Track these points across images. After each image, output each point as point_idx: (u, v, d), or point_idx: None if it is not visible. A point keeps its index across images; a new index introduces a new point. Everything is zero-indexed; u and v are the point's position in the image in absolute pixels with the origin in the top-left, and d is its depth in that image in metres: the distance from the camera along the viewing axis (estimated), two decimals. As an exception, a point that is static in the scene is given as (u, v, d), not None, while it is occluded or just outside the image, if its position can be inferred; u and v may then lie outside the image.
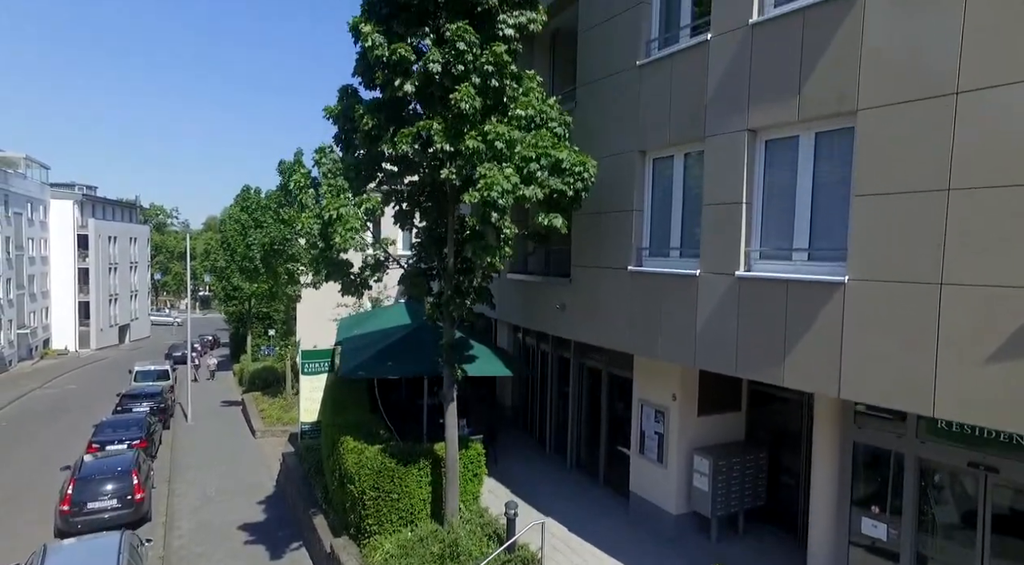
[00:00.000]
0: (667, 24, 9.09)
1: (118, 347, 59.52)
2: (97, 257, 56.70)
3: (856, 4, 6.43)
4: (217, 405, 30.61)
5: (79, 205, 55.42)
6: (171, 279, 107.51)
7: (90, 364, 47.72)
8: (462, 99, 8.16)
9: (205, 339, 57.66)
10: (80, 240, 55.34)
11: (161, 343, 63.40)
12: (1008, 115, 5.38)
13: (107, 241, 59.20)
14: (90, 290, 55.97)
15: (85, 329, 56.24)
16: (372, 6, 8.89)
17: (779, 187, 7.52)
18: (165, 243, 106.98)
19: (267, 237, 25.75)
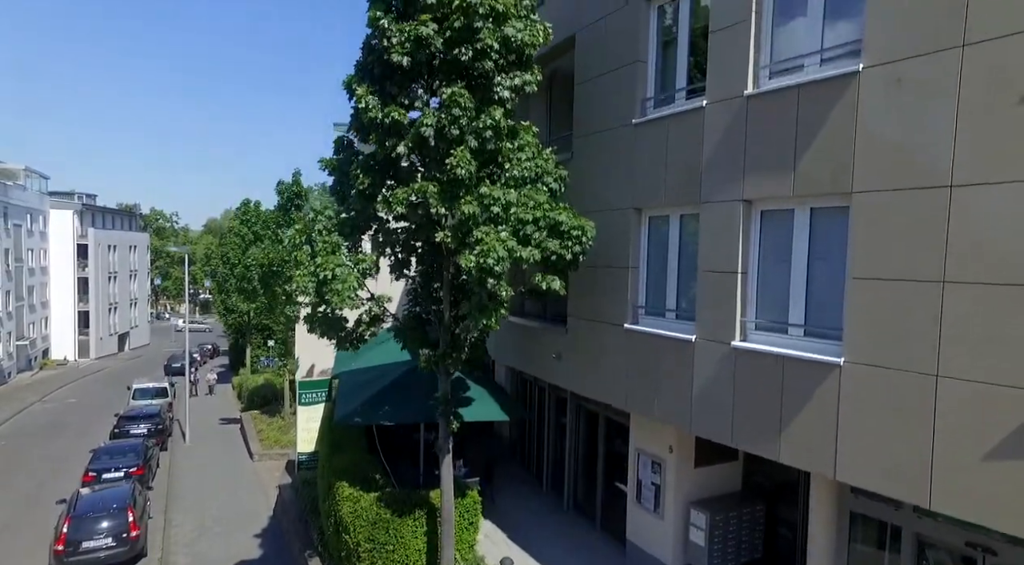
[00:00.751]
0: (663, 84, 9.05)
1: (117, 356, 59.49)
2: (96, 266, 56.69)
3: (850, 87, 6.39)
4: (216, 423, 30.55)
5: (78, 215, 55.42)
6: (171, 284, 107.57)
7: (89, 375, 47.68)
8: (458, 165, 8.11)
9: (204, 348, 57.66)
10: (80, 250, 55.35)
11: (160, 351, 63.37)
12: (1001, 214, 5.34)
13: (107, 250, 59.20)
14: (89, 299, 55.97)
15: (84, 338, 56.23)
16: (366, 67, 8.85)
17: (775, 259, 7.48)
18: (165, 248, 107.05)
19: (266, 258, 25.72)
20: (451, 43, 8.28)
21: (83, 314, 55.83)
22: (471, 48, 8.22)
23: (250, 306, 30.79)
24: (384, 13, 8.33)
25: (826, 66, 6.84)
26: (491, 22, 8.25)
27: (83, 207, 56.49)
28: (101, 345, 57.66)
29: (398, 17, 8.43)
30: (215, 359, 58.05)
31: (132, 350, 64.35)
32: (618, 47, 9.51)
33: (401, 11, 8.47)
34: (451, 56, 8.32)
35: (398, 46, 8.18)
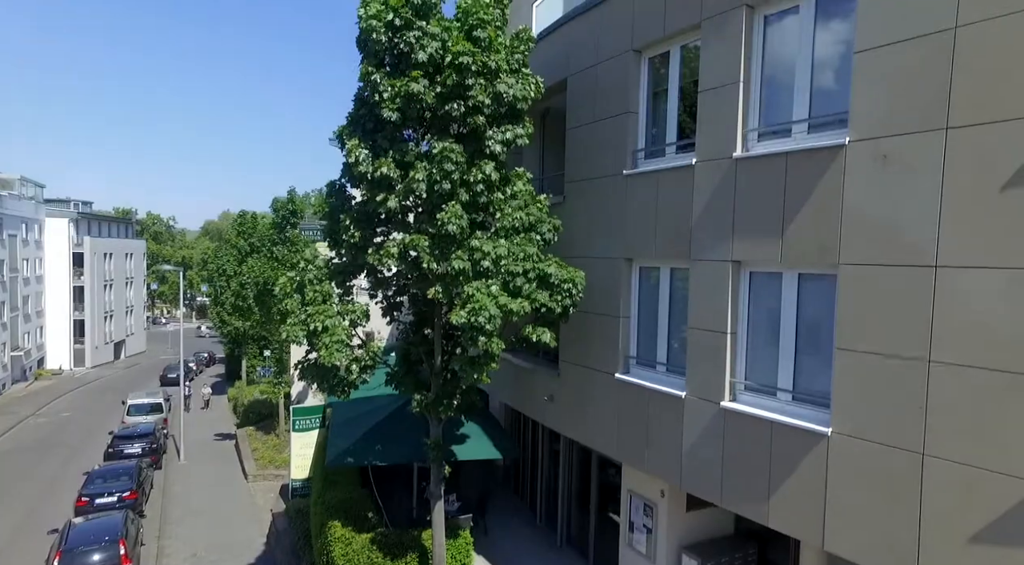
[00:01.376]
0: (653, 137, 9.06)
1: (113, 364, 59.31)
2: (92, 275, 56.53)
3: (837, 159, 6.41)
4: (211, 438, 30.47)
5: (74, 223, 55.28)
6: (167, 289, 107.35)
7: (84, 385, 47.51)
8: (449, 221, 8.12)
9: (200, 356, 57.47)
10: (75, 258, 55.19)
11: (157, 358, 63.17)
12: (987, 299, 5.36)
13: (103, 258, 59.04)
14: (85, 308, 55.79)
15: (80, 347, 56.06)
16: (357, 119, 8.86)
17: (764, 321, 7.49)
18: (162, 252, 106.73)
19: (260, 276, 25.68)
20: (443, 98, 8.30)
21: (79, 323, 55.66)
22: (463, 104, 8.24)
23: (244, 324, 30.71)
24: (376, 68, 8.34)
25: (814, 134, 6.87)
26: (483, 78, 8.27)
27: (79, 215, 56.37)
28: (97, 354, 57.47)
29: (390, 72, 8.44)
30: (211, 367, 57.90)
31: (128, 358, 64.16)
32: (609, 96, 9.53)
33: (393, 66, 8.47)
34: (443, 111, 8.34)
35: (389, 101, 8.20)
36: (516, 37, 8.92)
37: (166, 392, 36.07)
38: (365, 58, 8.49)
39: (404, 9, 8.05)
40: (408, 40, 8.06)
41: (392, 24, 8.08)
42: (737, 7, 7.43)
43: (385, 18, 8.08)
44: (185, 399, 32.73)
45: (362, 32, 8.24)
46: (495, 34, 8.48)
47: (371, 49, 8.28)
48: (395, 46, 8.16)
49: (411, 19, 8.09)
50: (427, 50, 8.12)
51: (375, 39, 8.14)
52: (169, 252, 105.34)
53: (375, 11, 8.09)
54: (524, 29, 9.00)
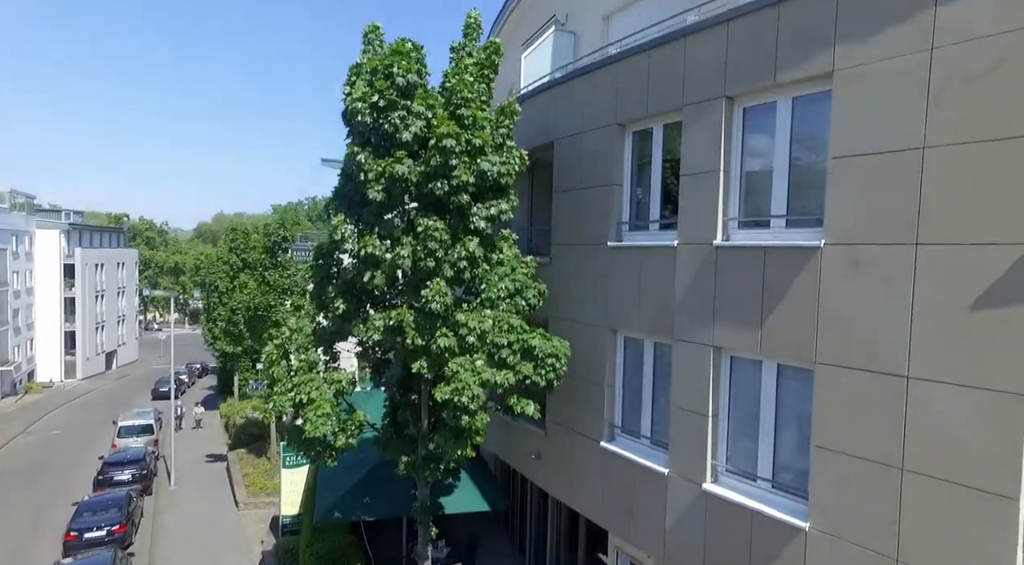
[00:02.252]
0: (637, 211, 9.16)
1: (105, 375, 59.01)
2: (83, 286, 56.26)
3: (812, 260, 6.52)
4: (202, 459, 30.36)
5: (65, 234, 55.01)
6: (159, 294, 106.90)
7: (75, 399, 47.26)
8: (433, 299, 8.19)
9: (193, 367, 57.21)
10: (66, 269, 54.93)
11: (149, 368, 62.90)
12: (956, 414, 5.47)
13: (94, 269, 58.76)
14: (76, 319, 55.53)
15: (71, 358, 55.77)
16: (343, 194, 8.92)
17: (745, 406, 7.59)
18: (154, 258, 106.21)
19: (252, 301, 25.64)
20: (427, 177, 8.36)
21: (69, 334, 55.36)
22: (447, 183, 8.30)
23: (235, 349, 30.64)
24: (361, 148, 8.40)
25: (791, 230, 6.98)
26: (467, 156, 8.33)
27: (70, 226, 56.06)
28: (88, 365, 57.17)
29: (375, 150, 8.50)
30: (203, 378, 57.67)
31: (120, 368, 63.86)
32: (594, 165, 9.62)
33: (378, 145, 8.53)
34: (427, 189, 8.40)
35: (374, 181, 8.25)
36: (501, 111, 9.00)
37: (157, 411, 35.93)
38: (351, 136, 8.55)
39: (389, 91, 8.12)
40: (393, 122, 8.12)
41: (377, 106, 8.14)
42: (717, 98, 7.54)
43: (370, 99, 8.14)
44: (176, 419, 32.57)
45: (347, 112, 8.30)
46: (479, 111, 8.55)
47: (356, 128, 8.34)
48: (380, 126, 8.22)
49: (395, 100, 8.15)
50: (411, 130, 8.19)
51: (360, 121, 8.20)
52: (162, 258, 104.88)
53: (360, 93, 8.15)
54: (510, 102, 9.07)
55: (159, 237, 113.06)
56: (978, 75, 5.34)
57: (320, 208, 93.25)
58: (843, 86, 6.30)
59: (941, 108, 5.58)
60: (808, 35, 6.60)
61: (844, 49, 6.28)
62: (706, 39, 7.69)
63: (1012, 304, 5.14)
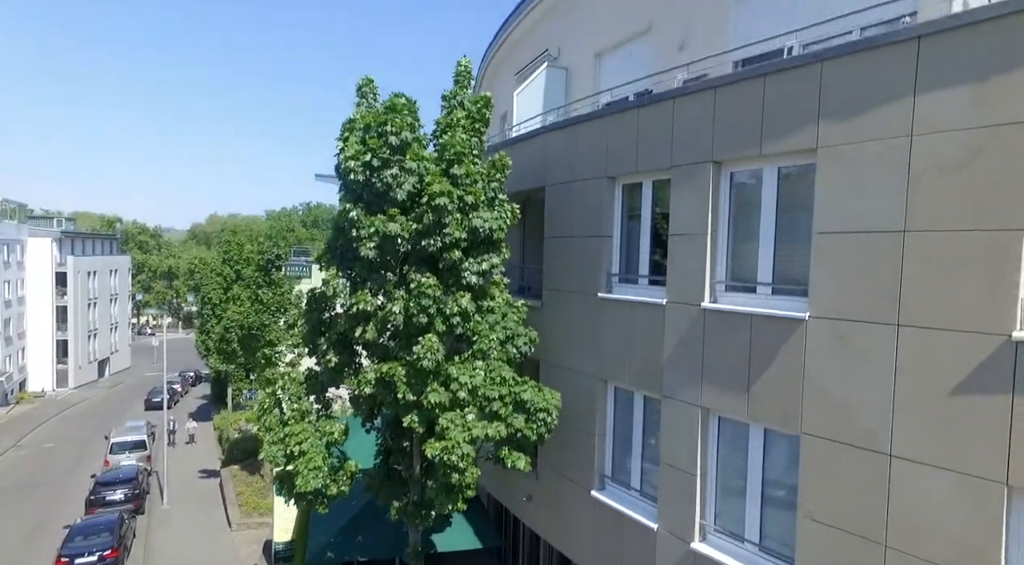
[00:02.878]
0: (627, 264, 9.24)
1: (97, 383, 58.70)
2: (76, 294, 55.98)
3: (798, 331, 6.62)
4: (195, 476, 30.28)
5: (57, 242, 54.72)
6: (152, 298, 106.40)
7: (67, 409, 46.99)
8: (424, 356, 8.25)
9: (186, 375, 56.98)
10: (59, 278, 54.66)
11: (142, 375, 62.61)
12: (937, 496, 5.57)
13: (87, 276, 58.45)
14: (68, 328, 55.25)
15: (63, 367, 55.48)
16: (335, 247, 8.97)
17: (733, 465, 7.68)
18: (147, 262, 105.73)
19: (245, 320, 25.61)
20: (420, 234, 8.43)
21: (62, 343, 55.06)
22: (439, 240, 8.37)
23: (228, 367, 30.57)
24: (354, 204, 8.45)
25: (777, 297, 7.07)
26: (459, 212, 8.40)
27: (62, 235, 55.77)
28: (80, 374, 56.87)
29: (367, 206, 8.55)
30: (197, 386, 57.44)
31: (113, 375, 63.53)
32: (585, 216, 9.70)
33: (371, 201, 8.58)
34: (419, 246, 8.46)
35: (367, 239, 8.30)
36: (493, 165, 9.07)
37: (150, 425, 35.76)
38: (344, 190, 8.60)
39: (382, 149, 8.18)
40: (386, 181, 8.18)
41: (370, 164, 8.20)
42: (704, 162, 7.64)
43: (363, 158, 8.20)
44: (169, 434, 32.47)
45: (341, 169, 8.36)
46: (472, 166, 8.63)
47: (350, 186, 8.40)
48: (373, 184, 8.28)
49: (388, 158, 8.21)
50: (405, 188, 8.26)
51: (353, 179, 8.26)
52: (155, 262, 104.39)
53: (353, 152, 8.21)
54: (502, 156, 9.15)
55: (152, 240, 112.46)
56: (954, 167, 5.45)
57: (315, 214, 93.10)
58: (827, 162, 6.41)
59: (921, 194, 5.69)
60: (793, 109, 6.70)
61: (828, 126, 6.39)
62: (694, 103, 7.79)
63: (990, 393, 5.24)
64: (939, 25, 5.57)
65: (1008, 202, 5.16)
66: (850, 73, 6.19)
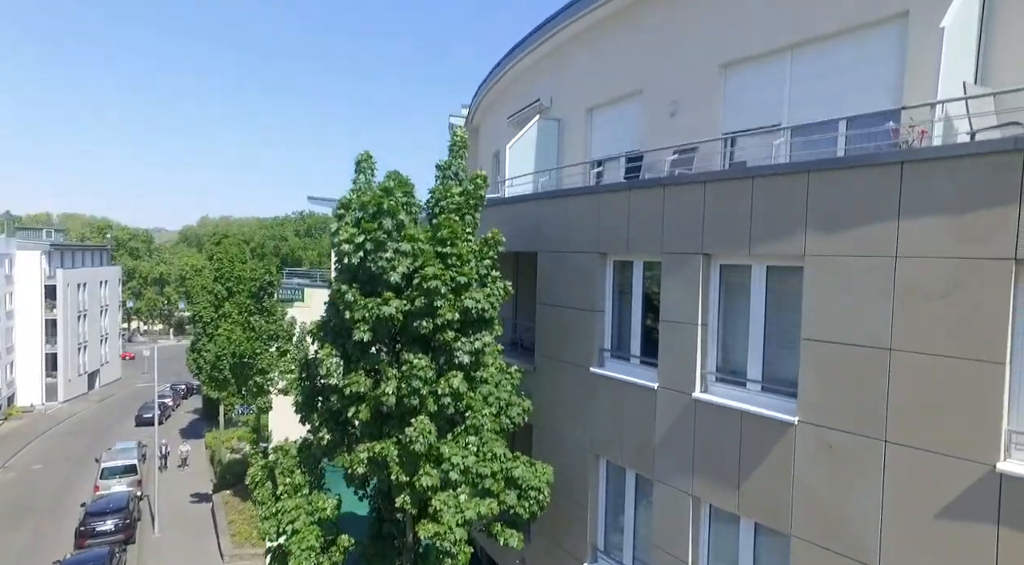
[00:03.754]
0: (619, 341, 9.32)
1: (88, 396, 58.22)
2: (65, 307, 55.51)
3: (787, 434, 6.70)
4: (187, 500, 30.11)
5: (46, 255, 54.24)
6: (143, 305, 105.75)
7: (57, 426, 46.62)
8: (416, 440, 8.27)
9: (178, 388, 56.65)
10: (48, 291, 54.17)
11: (133, 386, 62.18)
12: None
13: (76, 289, 57.97)
14: (58, 341, 54.76)
15: (52, 381, 54.96)
16: (329, 325, 8.99)
17: (724, 556, 7.76)
18: (138, 268, 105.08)
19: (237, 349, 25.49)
20: (412, 315, 8.46)
21: (51, 356, 54.55)
22: (432, 321, 8.40)
23: (220, 394, 30.43)
24: (348, 285, 8.47)
25: (767, 395, 7.16)
26: (452, 293, 8.44)
27: (51, 247, 55.29)
28: (70, 387, 56.37)
29: (361, 287, 8.57)
30: (188, 399, 57.08)
31: (103, 387, 63.02)
32: (577, 288, 9.77)
33: (365, 282, 8.60)
34: (412, 328, 8.50)
35: (361, 321, 8.33)
36: (486, 242, 9.12)
37: (141, 445, 35.51)
38: (339, 272, 8.64)
39: (377, 233, 8.22)
40: (380, 264, 8.22)
41: (365, 248, 8.24)
42: (694, 253, 7.72)
43: (357, 241, 8.23)
44: (161, 457, 32.26)
45: (337, 251, 8.40)
46: (464, 244, 8.68)
47: (344, 268, 8.43)
48: (367, 267, 8.32)
49: (384, 241, 8.25)
50: (399, 270, 8.30)
51: (348, 263, 8.29)
52: (146, 268, 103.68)
53: (348, 235, 8.25)
54: (494, 234, 9.19)
55: (144, 247, 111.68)
56: (937, 295, 5.55)
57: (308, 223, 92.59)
58: (815, 271, 6.50)
59: (906, 316, 5.78)
60: (781, 214, 6.79)
61: (815, 236, 6.48)
62: (684, 193, 7.87)
63: (976, 521, 5.33)
64: (921, 154, 5.69)
65: (989, 336, 5.27)
66: (837, 187, 6.29)
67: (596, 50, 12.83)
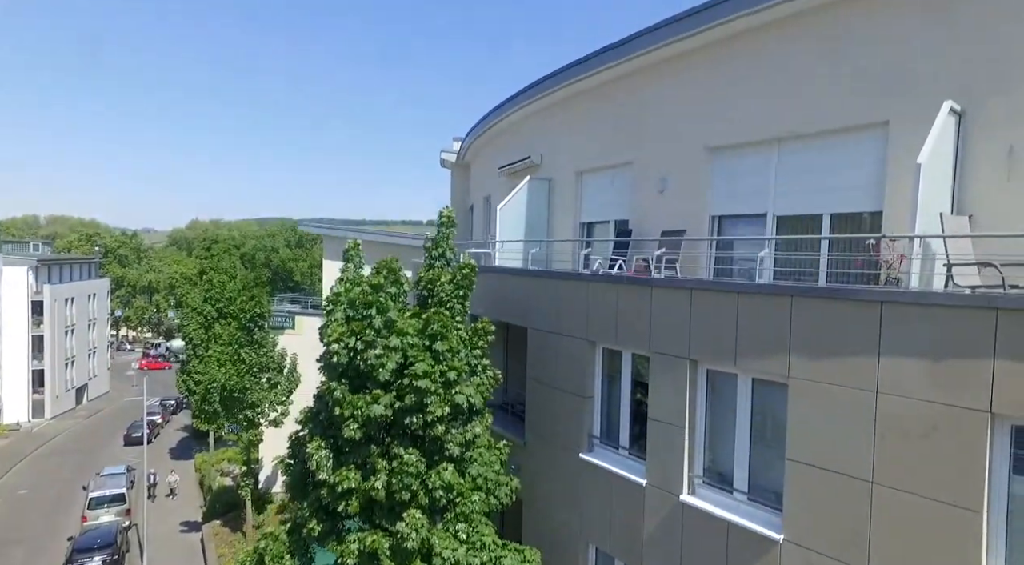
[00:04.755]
0: (607, 429, 9.41)
1: (75, 412, 57.61)
2: (53, 323, 54.95)
3: (772, 551, 6.80)
4: (176, 530, 29.91)
5: (33, 270, 53.67)
6: (133, 314, 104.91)
7: (43, 445, 46.09)
8: (408, 537, 8.30)
9: (167, 403, 56.15)
10: (35, 306, 53.60)
11: (121, 400, 61.62)
12: None
13: (64, 303, 57.42)
14: (45, 357, 54.20)
15: (39, 397, 54.40)
16: (318, 418, 9.00)
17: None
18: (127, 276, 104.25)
19: (227, 381, 25.32)
20: (402, 412, 8.49)
21: (38, 373, 53.98)
22: (422, 418, 8.44)
23: (209, 427, 30.25)
24: (337, 382, 8.49)
25: (754, 506, 7.26)
26: (442, 388, 8.48)
27: (38, 263, 54.72)
28: (57, 403, 55.81)
29: (350, 383, 8.59)
30: (178, 414, 56.61)
31: (91, 402, 62.41)
32: (566, 371, 9.85)
33: (353, 378, 8.63)
34: (401, 423, 8.53)
35: (350, 419, 8.34)
36: (475, 332, 9.17)
37: (129, 469, 35.21)
38: (327, 367, 8.66)
39: (368, 332, 8.25)
40: (370, 362, 8.25)
41: (354, 347, 8.27)
42: (682, 357, 7.82)
43: (346, 341, 8.27)
44: (149, 487, 31.98)
45: (325, 350, 8.44)
46: (455, 335, 8.72)
47: (333, 365, 8.46)
48: (356, 365, 8.35)
49: (373, 340, 8.28)
50: (388, 367, 8.33)
51: (337, 361, 8.32)
52: (135, 276, 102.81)
53: (337, 335, 8.28)
54: (484, 323, 9.24)
55: (132, 255, 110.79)
56: (915, 435, 5.67)
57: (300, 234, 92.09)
58: (798, 394, 6.60)
59: (886, 451, 5.90)
60: (766, 332, 6.89)
61: (799, 359, 6.59)
62: (671, 297, 7.97)
63: (951, 663, 5.46)
64: (900, 297, 5.81)
65: (966, 483, 5.39)
66: (820, 315, 6.40)
67: (586, 117, 12.93)
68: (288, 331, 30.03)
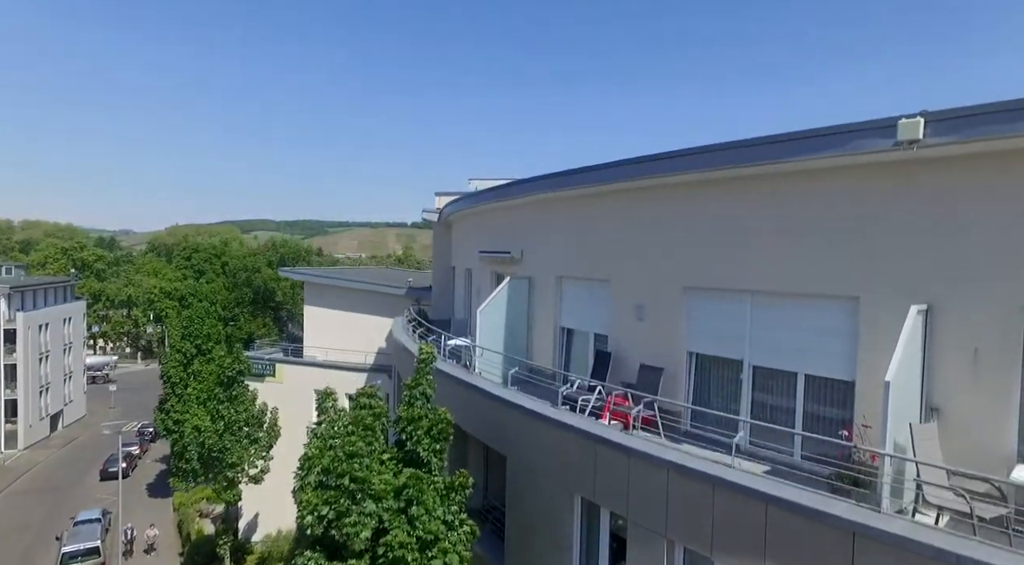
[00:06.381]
0: (587, 574, 9.39)
1: (49, 441, 56.25)
2: (26, 351, 53.68)
3: None
4: (153, 583, 29.31)
5: (5, 298, 52.42)
6: (110, 329, 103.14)
7: (15, 482, 44.88)
8: None
9: (145, 432, 55.04)
10: (7, 335, 52.33)
11: (98, 426, 60.25)
12: None
13: (38, 330, 56.13)
14: (18, 386, 52.94)
15: (12, 427, 53.10)
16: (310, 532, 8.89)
17: None
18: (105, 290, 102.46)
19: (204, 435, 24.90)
20: (380, 576, 8.41)
21: (11, 403, 52.70)
22: (401, 585, 8.36)
23: (188, 486, 29.74)
24: (311, 550, 8.39)
25: None
26: (418, 552, 8.41)
27: (11, 290, 53.41)
28: (31, 432, 54.52)
29: (326, 550, 8.49)
30: (157, 442, 55.52)
31: (66, 428, 61.00)
32: (544, 516, 9.79)
33: (328, 546, 8.53)
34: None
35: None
36: (451, 486, 9.11)
37: (105, 513, 34.41)
38: (301, 536, 8.56)
39: (340, 502, 8.15)
40: (345, 531, 8.16)
41: (327, 518, 8.17)
42: (659, 535, 7.82)
43: (320, 512, 8.16)
44: (126, 542, 31.29)
45: (298, 523, 8.34)
46: (431, 493, 8.66)
47: (308, 538, 8.35)
48: (331, 535, 8.25)
49: (348, 508, 8.19)
50: (363, 535, 8.24)
51: (311, 533, 8.21)
52: (113, 290, 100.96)
53: (311, 506, 8.17)
54: (464, 475, 9.17)
55: (109, 269, 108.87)
56: None
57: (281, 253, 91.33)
58: (773, 599, 6.63)
59: None
60: (742, 529, 6.90)
61: (774, 566, 6.62)
62: (649, 469, 7.95)
63: None
64: (869, 531, 5.85)
65: None
66: (795, 528, 6.43)
67: (567, 224, 12.93)
68: (268, 379, 29.65)
